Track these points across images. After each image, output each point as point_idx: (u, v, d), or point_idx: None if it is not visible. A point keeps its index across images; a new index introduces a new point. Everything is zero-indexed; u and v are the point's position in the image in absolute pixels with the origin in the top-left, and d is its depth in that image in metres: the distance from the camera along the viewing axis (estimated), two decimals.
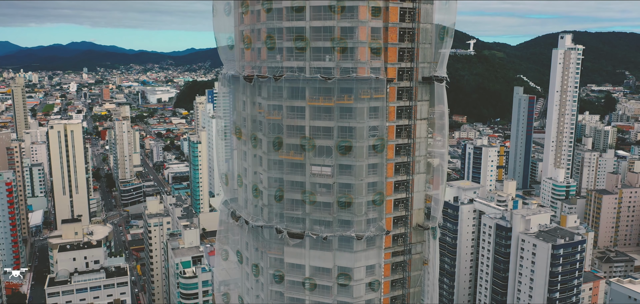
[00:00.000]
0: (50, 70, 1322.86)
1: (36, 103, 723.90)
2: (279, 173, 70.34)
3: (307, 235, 69.41)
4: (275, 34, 67.41)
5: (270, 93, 69.62)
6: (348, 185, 68.85)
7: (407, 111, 70.07)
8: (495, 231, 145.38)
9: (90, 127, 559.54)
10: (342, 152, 67.54)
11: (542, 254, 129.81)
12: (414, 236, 73.61)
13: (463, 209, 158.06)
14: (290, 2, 65.76)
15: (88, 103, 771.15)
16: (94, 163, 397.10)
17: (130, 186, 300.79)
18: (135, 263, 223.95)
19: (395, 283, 73.57)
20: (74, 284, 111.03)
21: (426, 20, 69.17)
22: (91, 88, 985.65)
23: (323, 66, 66.67)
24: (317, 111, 67.72)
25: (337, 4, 64.86)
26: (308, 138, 67.83)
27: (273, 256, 72.49)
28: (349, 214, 69.14)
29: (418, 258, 74.30)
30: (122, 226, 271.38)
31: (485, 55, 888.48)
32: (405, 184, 71.58)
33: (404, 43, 68.34)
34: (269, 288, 73.59)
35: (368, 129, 67.89)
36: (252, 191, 73.43)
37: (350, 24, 65.58)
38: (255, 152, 72.81)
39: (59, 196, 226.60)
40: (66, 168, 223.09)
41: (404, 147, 70.73)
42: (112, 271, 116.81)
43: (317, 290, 71.05)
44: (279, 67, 68.29)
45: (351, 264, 70.21)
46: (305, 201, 69.25)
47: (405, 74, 69.30)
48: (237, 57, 74.73)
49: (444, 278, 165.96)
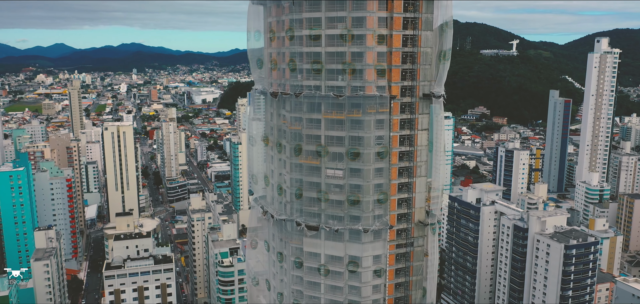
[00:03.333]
0: (101, 71, 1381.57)
1: (89, 104, 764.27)
2: (299, 174, 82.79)
3: (322, 228, 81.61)
4: (296, 58, 79.96)
5: (292, 107, 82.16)
6: (357, 185, 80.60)
7: (409, 123, 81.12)
8: (513, 232, 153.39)
9: (139, 126, 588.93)
10: (351, 158, 79.34)
11: (555, 254, 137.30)
12: (416, 231, 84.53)
13: (484, 210, 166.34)
14: (309, 31, 78.09)
15: (137, 104, 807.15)
16: (143, 162, 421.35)
17: (176, 184, 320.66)
18: (179, 255, 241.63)
19: (399, 272, 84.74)
20: (126, 269, 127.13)
21: (426, 44, 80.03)
22: (140, 89, 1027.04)
23: (336, 85, 78.66)
24: (331, 123, 79.76)
25: (348, 32, 76.77)
26: (323, 145, 79.99)
27: (294, 246, 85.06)
28: (358, 210, 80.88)
29: (420, 250, 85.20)
30: (168, 221, 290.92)
31: (529, 55, 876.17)
32: (408, 186, 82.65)
33: (406, 64, 79.48)
34: (291, 273, 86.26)
35: (374, 138, 79.44)
36: (277, 189, 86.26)
37: (359, 50, 77.30)
38: (280, 156, 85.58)
39: (112, 192, 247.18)
40: (118, 166, 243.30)
41: (406, 153, 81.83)
42: (159, 259, 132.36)
43: (330, 275, 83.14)
44: (299, 85, 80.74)
45: (360, 253, 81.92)
46: (321, 199, 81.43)
47: (407, 91, 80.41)
48: (266, 75, 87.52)
49: (466, 276, 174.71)
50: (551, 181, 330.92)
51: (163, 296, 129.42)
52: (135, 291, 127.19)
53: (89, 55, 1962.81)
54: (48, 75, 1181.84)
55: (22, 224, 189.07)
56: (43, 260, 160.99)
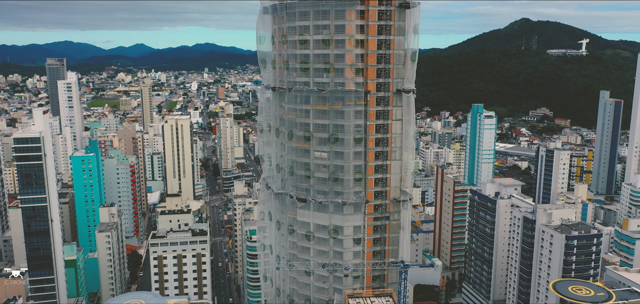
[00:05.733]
0: (176, 70, 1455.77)
1: (162, 101, 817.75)
2: (292, 156, 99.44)
3: (310, 200, 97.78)
4: (289, 59, 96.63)
5: (287, 100, 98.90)
6: (339, 166, 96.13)
7: (384, 114, 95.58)
8: (522, 223, 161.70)
9: (205, 122, 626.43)
10: (334, 143, 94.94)
11: (557, 244, 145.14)
12: (392, 207, 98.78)
13: (500, 203, 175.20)
14: (299, 37, 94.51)
15: (206, 101, 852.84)
16: (204, 154, 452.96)
17: (231, 175, 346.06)
18: (228, 238, 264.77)
19: (377, 241, 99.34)
20: (168, 239, 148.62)
21: (399, 47, 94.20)
22: (209, 87, 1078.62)
23: (321, 81, 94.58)
24: (317, 113, 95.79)
25: (331, 38, 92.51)
26: (311, 132, 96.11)
27: (289, 216, 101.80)
28: (340, 187, 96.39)
29: (395, 224, 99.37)
30: (221, 208, 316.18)
31: (600, 55, 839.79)
32: (383, 167, 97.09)
33: (381, 64, 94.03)
34: (287, 239, 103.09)
35: (353, 126, 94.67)
36: (276, 168, 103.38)
37: (340, 52, 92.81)
38: (279, 140, 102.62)
39: (170, 179, 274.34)
40: (176, 156, 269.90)
41: (382, 140, 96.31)
42: (196, 232, 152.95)
43: (317, 241, 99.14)
44: (293, 81, 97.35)
45: (342, 223, 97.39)
46: (309, 177, 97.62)
47: (382, 87, 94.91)
48: (270, 73, 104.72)
49: (484, 266, 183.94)
50: (599, 183, 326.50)
51: (198, 264, 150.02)
52: (175, 258, 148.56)
53: (166, 54, 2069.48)
54: (127, 74, 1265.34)
55: (91, 202, 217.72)
56: (105, 232, 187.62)
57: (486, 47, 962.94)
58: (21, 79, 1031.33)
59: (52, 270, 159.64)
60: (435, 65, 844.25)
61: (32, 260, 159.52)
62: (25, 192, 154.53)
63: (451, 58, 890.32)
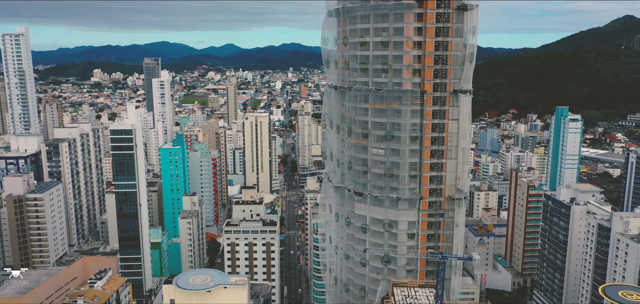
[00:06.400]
0: (262, 69, 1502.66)
1: (248, 99, 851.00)
2: (351, 151, 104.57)
3: (366, 194, 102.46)
4: (350, 60, 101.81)
5: (348, 99, 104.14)
6: (395, 163, 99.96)
7: (441, 113, 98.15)
8: (597, 231, 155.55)
9: (286, 120, 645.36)
10: (390, 140, 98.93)
11: (632, 254, 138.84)
12: (447, 204, 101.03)
13: (575, 209, 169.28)
14: (360, 39, 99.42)
15: (288, 100, 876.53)
16: (284, 151, 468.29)
17: (307, 172, 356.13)
18: (301, 232, 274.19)
19: (430, 237, 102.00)
20: (241, 227, 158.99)
21: (456, 49, 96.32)
22: (293, 86, 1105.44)
23: (380, 81, 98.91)
24: (375, 111, 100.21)
25: (390, 39, 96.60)
26: (369, 129, 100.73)
27: (347, 209, 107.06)
28: (395, 183, 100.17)
29: (450, 221, 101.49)
30: (296, 203, 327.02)
31: None
32: (439, 166, 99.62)
33: (438, 65, 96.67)
34: (345, 231, 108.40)
35: (410, 125, 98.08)
36: (336, 163, 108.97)
37: (398, 53, 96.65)
38: (339, 137, 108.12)
39: (249, 173, 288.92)
40: (255, 151, 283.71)
41: (438, 139, 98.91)
42: (267, 222, 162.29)
43: (373, 233, 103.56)
44: (353, 81, 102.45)
45: (396, 218, 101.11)
46: (366, 172, 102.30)
47: (439, 87, 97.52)
48: (333, 73, 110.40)
49: (556, 273, 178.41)
50: None
51: (268, 252, 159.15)
52: (246, 245, 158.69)
53: (253, 54, 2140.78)
54: (217, 73, 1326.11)
55: (177, 191, 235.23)
56: (187, 219, 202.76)
57: (582, 46, 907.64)
58: (123, 77, 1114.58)
59: (139, 250, 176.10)
60: (523, 66, 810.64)
61: (123, 240, 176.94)
62: (119, 178, 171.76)
63: (542, 58, 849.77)
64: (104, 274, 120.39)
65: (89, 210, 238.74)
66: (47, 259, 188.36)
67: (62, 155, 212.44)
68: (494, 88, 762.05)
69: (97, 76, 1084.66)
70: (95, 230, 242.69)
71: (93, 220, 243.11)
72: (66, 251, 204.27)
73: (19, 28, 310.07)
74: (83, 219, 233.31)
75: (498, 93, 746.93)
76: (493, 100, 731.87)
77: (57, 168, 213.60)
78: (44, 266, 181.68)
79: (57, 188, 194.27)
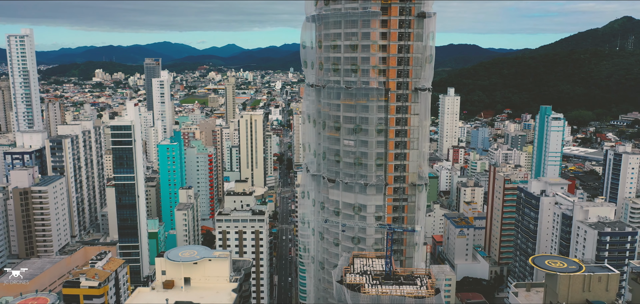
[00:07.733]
0: (263, 69, 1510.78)
1: (247, 99, 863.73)
2: (326, 143, 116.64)
3: (338, 181, 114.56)
4: (324, 61, 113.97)
5: (323, 96, 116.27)
6: (364, 153, 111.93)
7: (403, 109, 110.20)
8: (561, 219, 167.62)
9: (285, 120, 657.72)
10: (359, 132, 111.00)
11: (590, 240, 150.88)
12: (410, 190, 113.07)
13: (544, 200, 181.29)
14: (333, 42, 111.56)
15: (287, 100, 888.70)
16: (281, 149, 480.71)
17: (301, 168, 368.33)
18: (293, 226, 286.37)
19: (396, 219, 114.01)
20: (231, 216, 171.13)
21: (417, 51, 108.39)
22: (293, 86, 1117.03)
23: (350, 80, 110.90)
24: (346, 107, 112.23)
25: (359, 43, 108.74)
26: (340, 123, 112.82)
27: (323, 194, 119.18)
28: (364, 170, 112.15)
29: (412, 205, 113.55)
30: (291, 199, 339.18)
31: None
32: (402, 155, 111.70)
33: (401, 66, 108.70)
34: (320, 214, 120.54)
35: (376, 119, 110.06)
36: (313, 154, 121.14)
37: (365, 55, 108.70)
38: (316, 130, 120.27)
39: (244, 169, 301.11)
40: (250, 148, 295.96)
41: (401, 131, 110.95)
42: (256, 212, 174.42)
43: (344, 216, 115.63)
44: (327, 80, 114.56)
45: (365, 202, 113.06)
46: (339, 161, 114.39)
47: (402, 85, 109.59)
48: (311, 73, 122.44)
49: (527, 261, 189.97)
50: None
51: (256, 240, 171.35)
52: (237, 233, 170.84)
53: (255, 54, 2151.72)
54: (217, 73, 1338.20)
55: (174, 185, 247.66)
56: (182, 211, 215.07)
57: (579, 47, 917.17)
58: (124, 77, 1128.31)
59: (137, 238, 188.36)
60: (519, 67, 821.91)
61: (122, 229, 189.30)
62: (118, 171, 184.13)
63: (537, 59, 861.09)
64: (104, 255, 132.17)
65: (90, 203, 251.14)
66: (51, 248, 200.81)
67: (65, 151, 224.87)
68: (490, 88, 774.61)
69: (99, 76, 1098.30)
70: (96, 222, 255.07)
71: (94, 212, 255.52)
72: (68, 241, 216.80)
73: (24, 29, 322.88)
74: (84, 212, 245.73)
75: (494, 94, 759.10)
76: (489, 100, 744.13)
77: (61, 163, 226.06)
78: (48, 255, 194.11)
79: (60, 182, 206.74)
